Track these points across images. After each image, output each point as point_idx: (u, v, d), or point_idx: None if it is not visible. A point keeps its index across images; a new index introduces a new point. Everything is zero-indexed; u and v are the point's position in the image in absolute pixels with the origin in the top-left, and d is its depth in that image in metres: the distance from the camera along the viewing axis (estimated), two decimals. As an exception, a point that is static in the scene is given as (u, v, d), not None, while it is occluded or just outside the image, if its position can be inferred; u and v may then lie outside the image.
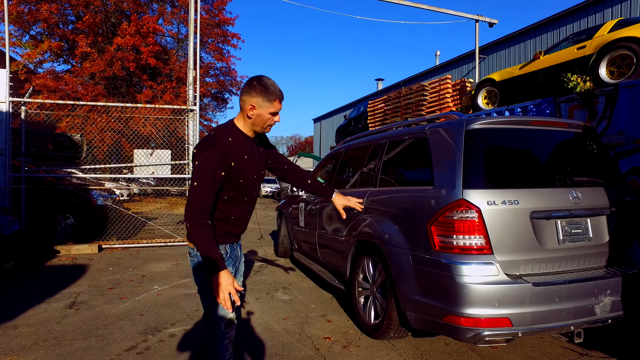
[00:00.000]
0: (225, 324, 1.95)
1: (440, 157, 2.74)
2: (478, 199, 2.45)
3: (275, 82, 1.91)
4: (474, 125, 2.67)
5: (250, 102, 1.86)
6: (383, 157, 3.53)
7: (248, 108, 1.87)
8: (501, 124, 2.73)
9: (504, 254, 2.44)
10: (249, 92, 1.86)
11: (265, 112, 1.88)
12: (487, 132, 2.68)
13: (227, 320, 1.95)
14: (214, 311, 1.94)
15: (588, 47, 5.97)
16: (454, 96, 9.98)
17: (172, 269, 5.61)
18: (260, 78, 1.88)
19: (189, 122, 7.41)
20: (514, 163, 2.70)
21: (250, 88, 1.87)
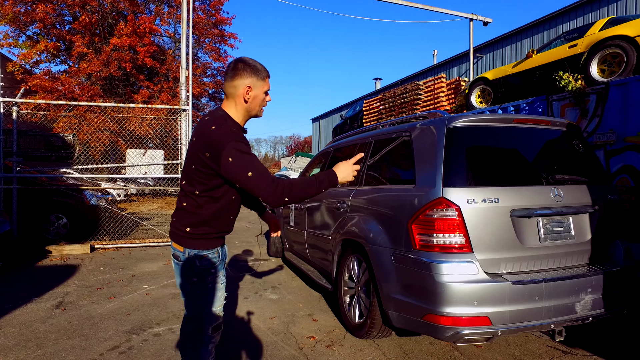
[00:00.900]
0: (213, 329, 1.91)
1: (422, 155, 2.73)
2: (458, 198, 2.44)
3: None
4: (456, 123, 2.66)
5: (245, 84, 1.76)
6: (369, 156, 3.52)
7: (244, 91, 1.76)
8: (483, 122, 2.72)
9: (484, 252, 2.43)
10: (241, 74, 1.76)
11: (260, 92, 1.81)
12: (469, 130, 2.67)
13: (215, 325, 1.91)
14: (204, 315, 1.88)
15: (579, 45, 5.96)
16: (449, 95, 9.98)
17: (162, 268, 5.60)
18: (244, 59, 1.79)
19: (182, 122, 7.39)
20: (495, 161, 2.69)
21: (238, 70, 1.76)
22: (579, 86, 5.77)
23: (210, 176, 1.72)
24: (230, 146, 1.63)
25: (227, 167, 1.64)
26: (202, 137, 1.72)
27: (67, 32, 18.89)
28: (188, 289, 1.87)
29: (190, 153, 1.77)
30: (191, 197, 1.78)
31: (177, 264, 1.87)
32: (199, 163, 1.71)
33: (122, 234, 7.38)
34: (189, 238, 1.81)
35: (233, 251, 6.99)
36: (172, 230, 1.87)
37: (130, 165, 7.19)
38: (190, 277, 1.84)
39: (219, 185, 1.76)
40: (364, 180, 3.48)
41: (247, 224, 11.33)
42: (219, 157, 1.64)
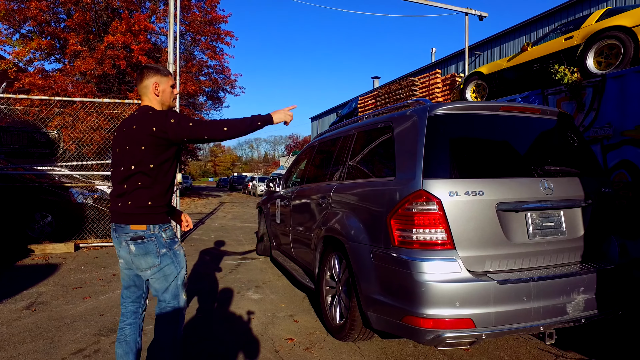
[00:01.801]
0: (182, 299, 2.15)
1: (403, 146, 2.56)
2: (439, 190, 2.26)
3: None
4: (438, 111, 2.48)
5: (152, 81, 2.11)
6: (351, 148, 3.35)
7: (153, 88, 2.11)
8: (467, 110, 2.55)
9: (468, 249, 2.26)
10: (147, 75, 2.12)
11: (167, 86, 2.15)
12: (451, 118, 2.50)
13: (182, 295, 2.15)
14: (175, 289, 2.11)
15: (575, 37, 5.79)
16: (444, 91, 9.80)
17: (146, 268, 5.42)
18: (147, 64, 2.20)
19: (170, 117, 7.21)
20: (480, 152, 2.51)
21: (144, 73, 2.13)
22: (575, 79, 5.59)
23: (161, 148, 1.99)
24: (169, 114, 2.01)
25: (174, 127, 1.97)
26: (144, 121, 2.00)
27: (61, 30, 18.72)
28: (157, 264, 2.04)
29: (133, 139, 1.99)
30: (145, 175, 1.99)
31: (144, 244, 2.02)
32: (148, 142, 1.97)
33: (108, 233, 7.20)
34: (151, 214, 2.02)
35: (222, 249, 6.83)
36: (128, 214, 2.00)
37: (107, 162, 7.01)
38: (157, 249, 2.03)
39: (167, 158, 2.03)
40: (346, 174, 3.31)
41: (241, 222, 11.17)
42: (165, 124, 1.97)
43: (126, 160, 2.00)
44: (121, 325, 2.27)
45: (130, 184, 2.00)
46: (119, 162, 2.04)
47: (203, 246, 7.17)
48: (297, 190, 4.50)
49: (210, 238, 8.16)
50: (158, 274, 2.07)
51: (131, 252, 2.02)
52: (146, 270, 2.06)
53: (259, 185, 27.32)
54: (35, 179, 6.92)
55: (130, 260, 2.06)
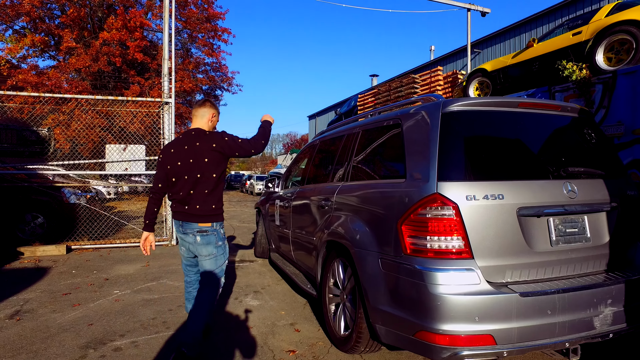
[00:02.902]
0: (223, 278, 2.88)
1: (414, 144, 2.37)
2: (455, 194, 2.07)
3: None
4: (452, 107, 2.29)
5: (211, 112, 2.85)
6: (356, 147, 3.15)
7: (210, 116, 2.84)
8: (484, 106, 2.36)
9: (487, 258, 2.07)
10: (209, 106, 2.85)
11: (217, 118, 2.94)
12: (467, 115, 2.31)
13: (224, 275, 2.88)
14: (221, 270, 2.83)
15: (584, 32, 5.60)
16: (446, 88, 9.62)
17: (140, 271, 5.22)
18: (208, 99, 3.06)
19: (164, 115, 7.01)
20: (498, 151, 2.32)
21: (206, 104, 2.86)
22: (583, 76, 5.41)
23: (219, 161, 2.70)
24: (224, 134, 2.74)
25: (229, 144, 2.70)
26: (205, 139, 2.69)
27: (55, 27, 18.42)
28: (214, 252, 2.76)
29: (194, 154, 2.65)
30: (208, 183, 2.68)
31: (205, 236, 2.71)
32: (210, 156, 2.66)
33: (102, 234, 7.00)
34: (215, 215, 2.74)
35: (218, 252, 6.62)
36: (198, 215, 2.68)
37: (109, 161, 6.79)
38: (217, 242, 2.77)
39: (223, 170, 2.73)
40: (350, 175, 3.12)
41: (238, 222, 10.96)
42: (222, 141, 2.69)
43: (191, 171, 2.65)
44: (188, 289, 3.02)
45: (197, 191, 2.67)
46: (183, 172, 2.66)
47: (199, 248, 6.96)
48: (297, 191, 4.30)
49: (207, 239, 7.95)
50: (212, 259, 2.77)
51: (197, 242, 2.71)
52: (205, 256, 2.76)
53: (257, 184, 27.08)
54: (26, 179, 6.69)
55: (195, 248, 2.75)
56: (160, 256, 6.21)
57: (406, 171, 2.35)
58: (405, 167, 2.37)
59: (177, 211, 2.75)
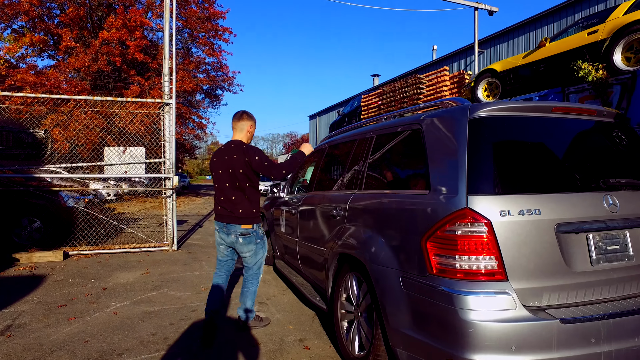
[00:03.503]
0: (262, 269, 3.40)
1: (439, 153, 2.17)
2: (488, 208, 1.88)
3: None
4: (481, 112, 2.09)
5: (249, 124, 3.28)
6: (370, 153, 2.96)
7: (248, 127, 3.28)
8: (515, 112, 2.15)
9: (523, 279, 1.87)
10: (247, 118, 3.28)
11: (254, 128, 3.37)
12: (497, 122, 2.11)
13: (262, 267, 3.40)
14: (260, 263, 3.34)
15: (600, 31, 5.40)
16: (452, 89, 9.42)
17: (140, 279, 5.03)
18: (245, 110, 3.33)
19: (165, 116, 6.81)
20: (532, 161, 2.12)
21: (244, 116, 3.27)
22: (600, 76, 5.22)
23: (249, 173, 3.09)
24: (257, 152, 3.12)
25: (257, 163, 3.07)
26: (241, 153, 3.09)
27: (54, 26, 18.22)
28: (254, 249, 3.22)
29: (232, 165, 3.09)
30: (246, 190, 3.14)
31: (247, 237, 3.16)
32: (244, 168, 3.07)
33: (101, 239, 6.80)
34: (254, 217, 3.17)
35: (221, 258, 6.43)
36: (241, 218, 3.12)
37: (108, 164, 6.60)
38: (256, 240, 3.21)
39: (254, 178, 3.14)
40: (364, 183, 2.92)
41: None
42: (252, 158, 3.06)
43: (231, 179, 3.11)
44: (217, 273, 3.40)
45: (238, 196, 3.13)
46: (224, 179, 3.14)
47: (201, 253, 6.77)
48: (304, 198, 4.11)
49: (208, 244, 7.75)
50: (252, 255, 3.25)
51: (239, 242, 3.17)
52: (246, 252, 3.23)
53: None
54: (22, 182, 6.50)
55: (237, 247, 3.20)
56: (161, 262, 6.01)
57: (430, 182, 2.15)
58: (428, 178, 2.18)
59: (221, 214, 3.19)
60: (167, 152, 6.80)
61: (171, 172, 6.76)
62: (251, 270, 3.32)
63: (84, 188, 7.13)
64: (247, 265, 3.31)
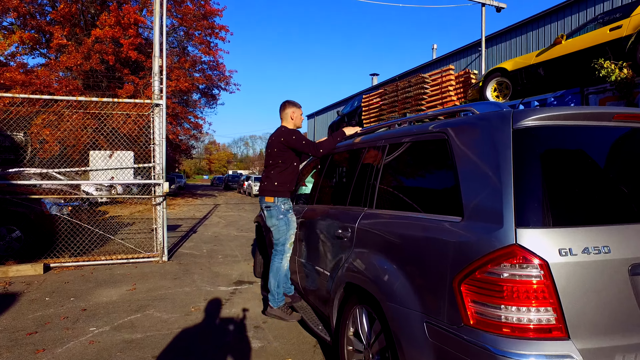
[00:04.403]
0: (287, 247, 3.52)
1: (473, 171, 1.75)
2: (543, 245, 1.46)
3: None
4: (527, 120, 1.67)
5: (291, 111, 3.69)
6: (382, 165, 2.54)
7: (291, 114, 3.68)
8: (568, 120, 1.74)
9: (588, 337, 1.46)
10: (288, 106, 3.71)
11: (299, 114, 3.73)
12: (548, 132, 1.69)
13: (288, 245, 3.52)
14: (284, 240, 3.50)
15: (625, 27, 5.00)
16: (458, 89, 9.02)
17: (125, 297, 4.60)
18: (287, 100, 3.74)
19: (155, 118, 6.38)
20: (596, 182, 1.70)
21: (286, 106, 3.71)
22: (624, 75, 4.82)
23: (283, 152, 3.51)
24: (291, 132, 3.53)
25: (293, 142, 3.48)
26: (278, 134, 3.54)
27: (46, 23, 17.71)
28: (276, 223, 3.48)
29: (270, 145, 3.58)
30: (279, 166, 3.52)
31: (270, 211, 3.50)
32: (278, 146, 3.51)
33: (85, 249, 6.35)
34: (276, 191, 3.49)
35: (215, 269, 6.01)
36: (263, 189, 3.57)
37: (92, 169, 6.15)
38: (278, 215, 3.46)
39: (288, 157, 3.53)
40: (375, 200, 2.50)
41: (236, 231, 10.33)
42: (289, 137, 3.49)
43: (267, 158, 3.61)
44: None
45: (268, 172, 3.56)
46: (266, 159, 3.64)
47: (193, 265, 6.34)
48: (305, 211, 3.69)
49: (202, 253, 7.32)
50: (276, 230, 3.47)
51: (264, 215, 3.54)
52: (271, 227, 3.50)
53: (255, 185, 26.41)
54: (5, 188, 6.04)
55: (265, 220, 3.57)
56: (150, 276, 5.58)
57: (463, 206, 1.74)
58: (460, 201, 1.76)
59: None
60: (157, 157, 6.37)
61: (161, 178, 6.33)
62: (277, 246, 3.50)
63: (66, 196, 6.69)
64: (274, 240, 3.53)
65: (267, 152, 3.65)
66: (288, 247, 3.51)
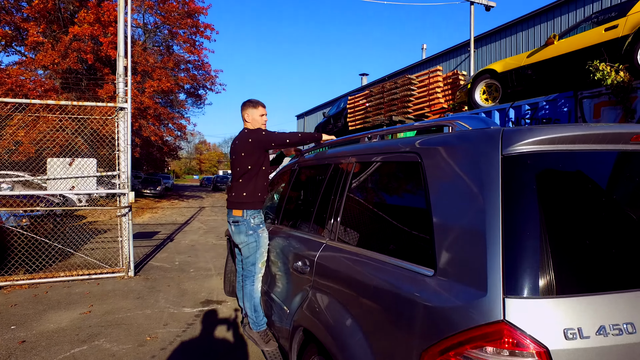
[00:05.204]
0: (259, 267, 3.08)
1: (450, 210, 1.34)
2: (542, 324, 1.06)
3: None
4: (522, 145, 1.26)
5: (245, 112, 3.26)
6: (347, 188, 2.12)
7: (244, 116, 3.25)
8: (573, 143, 1.33)
9: None
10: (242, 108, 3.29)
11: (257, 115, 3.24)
12: (550, 162, 1.28)
13: (259, 264, 3.07)
14: (254, 259, 3.05)
15: (621, 26, 4.65)
16: (446, 91, 8.66)
17: (75, 322, 4.13)
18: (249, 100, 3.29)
19: (120, 123, 5.89)
20: (612, 231, 1.29)
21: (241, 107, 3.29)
22: (621, 79, 4.47)
23: (251, 155, 3.07)
24: (257, 129, 3.15)
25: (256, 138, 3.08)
26: (243, 136, 3.14)
27: (22, 19, 17.03)
28: (245, 239, 3.03)
29: (234, 151, 3.14)
30: (247, 174, 3.08)
31: (238, 226, 3.04)
32: (245, 150, 3.08)
33: (42, 265, 5.84)
34: (244, 203, 3.05)
35: (183, 286, 5.55)
36: (230, 201, 3.10)
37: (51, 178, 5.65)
38: (247, 230, 3.02)
39: (256, 161, 3.08)
40: (338, 231, 2.08)
41: (214, 239, 9.85)
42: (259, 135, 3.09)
43: (233, 165, 3.16)
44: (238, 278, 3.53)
45: (235, 181, 3.13)
46: (231, 166, 3.19)
47: (161, 280, 5.87)
48: (270, 230, 3.27)
49: (173, 266, 6.85)
50: (245, 248, 3.06)
51: (232, 230, 3.12)
52: (239, 244, 3.10)
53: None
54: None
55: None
56: (110, 295, 5.11)
57: (436, 256, 1.32)
58: (433, 248, 1.35)
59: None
60: (123, 164, 5.89)
61: (126, 187, 5.86)
62: (246, 266, 3.11)
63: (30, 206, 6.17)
64: (243, 260, 3.15)
65: (231, 159, 3.16)
66: (260, 267, 3.08)
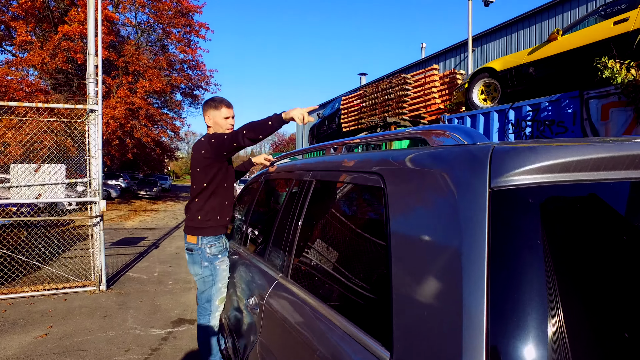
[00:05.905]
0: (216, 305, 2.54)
1: (414, 269, 0.93)
2: None
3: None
4: (519, 174, 0.85)
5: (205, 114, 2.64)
6: (304, 210, 1.71)
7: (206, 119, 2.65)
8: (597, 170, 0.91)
9: None
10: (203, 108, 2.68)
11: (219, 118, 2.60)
12: (561, 199, 0.87)
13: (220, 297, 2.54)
14: (209, 295, 2.52)
15: (632, 19, 4.24)
16: (442, 90, 8.24)
17: (26, 349, 3.72)
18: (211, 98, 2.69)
19: (90, 126, 5.49)
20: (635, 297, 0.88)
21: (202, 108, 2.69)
22: (632, 77, 4.06)
23: (208, 169, 2.46)
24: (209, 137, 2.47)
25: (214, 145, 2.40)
26: (196, 148, 2.52)
27: (10, 18, 16.66)
28: (200, 273, 2.51)
29: (191, 164, 2.57)
30: (203, 193, 2.50)
31: (192, 255, 2.53)
32: (199, 164, 2.47)
33: (9, 277, 5.44)
34: (199, 228, 2.50)
35: (158, 301, 5.14)
36: (186, 225, 2.58)
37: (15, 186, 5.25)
38: (202, 262, 2.49)
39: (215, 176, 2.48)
40: (291, 264, 1.67)
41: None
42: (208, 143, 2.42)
43: (191, 181, 2.60)
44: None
45: (191, 200, 2.59)
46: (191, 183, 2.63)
47: (135, 294, 5.47)
48: (234, 250, 2.85)
49: (152, 277, 6.44)
50: (200, 281, 2.55)
51: (187, 259, 2.61)
52: (193, 275, 2.60)
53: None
54: None
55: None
56: (76, 313, 4.70)
57: (393, 333, 0.91)
58: (391, 321, 0.93)
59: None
60: (94, 170, 5.49)
61: (97, 195, 5.45)
62: (200, 301, 2.61)
63: None
64: (198, 293, 2.65)
65: (190, 174, 2.60)
66: (217, 304, 2.54)
